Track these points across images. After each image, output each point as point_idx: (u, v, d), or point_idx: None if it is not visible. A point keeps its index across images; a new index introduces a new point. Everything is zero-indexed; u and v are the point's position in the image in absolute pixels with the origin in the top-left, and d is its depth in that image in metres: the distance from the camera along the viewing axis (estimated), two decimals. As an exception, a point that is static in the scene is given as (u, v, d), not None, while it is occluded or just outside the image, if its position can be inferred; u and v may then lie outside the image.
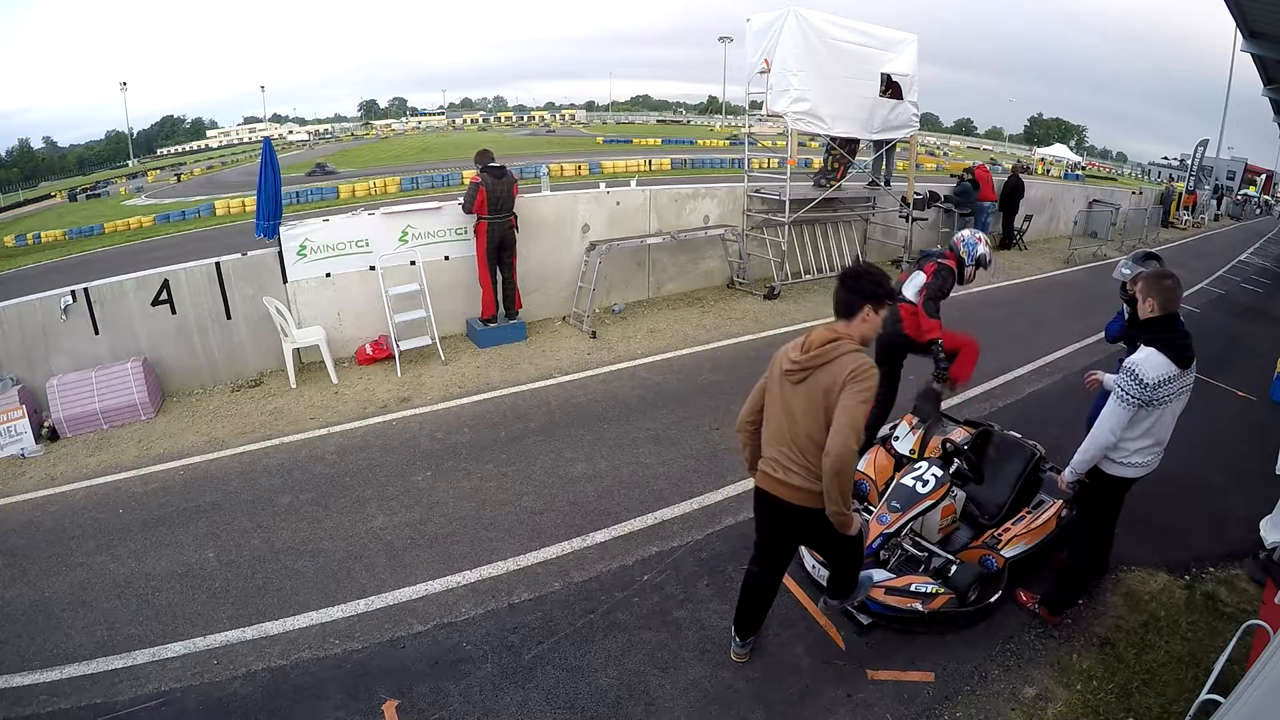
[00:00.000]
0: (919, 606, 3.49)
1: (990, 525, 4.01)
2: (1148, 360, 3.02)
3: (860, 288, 2.73)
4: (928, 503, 3.73)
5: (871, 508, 4.12)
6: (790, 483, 2.79)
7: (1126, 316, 4.21)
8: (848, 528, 2.78)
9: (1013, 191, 13.45)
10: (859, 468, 4.42)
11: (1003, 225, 13.73)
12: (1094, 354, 7.15)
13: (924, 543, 3.91)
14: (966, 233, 4.85)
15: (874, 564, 3.72)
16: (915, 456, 4.19)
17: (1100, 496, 3.37)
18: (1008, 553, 3.76)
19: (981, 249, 4.74)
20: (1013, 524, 3.95)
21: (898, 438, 4.51)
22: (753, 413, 2.99)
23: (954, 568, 3.67)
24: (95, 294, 6.06)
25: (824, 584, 3.73)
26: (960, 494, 4.03)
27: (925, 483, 3.75)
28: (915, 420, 4.51)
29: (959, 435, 4.22)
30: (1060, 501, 4.10)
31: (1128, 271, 4.22)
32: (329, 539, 4.27)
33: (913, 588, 3.54)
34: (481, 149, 7.37)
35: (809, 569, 3.85)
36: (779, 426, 2.83)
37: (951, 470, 3.86)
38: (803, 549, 3.92)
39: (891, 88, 9.81)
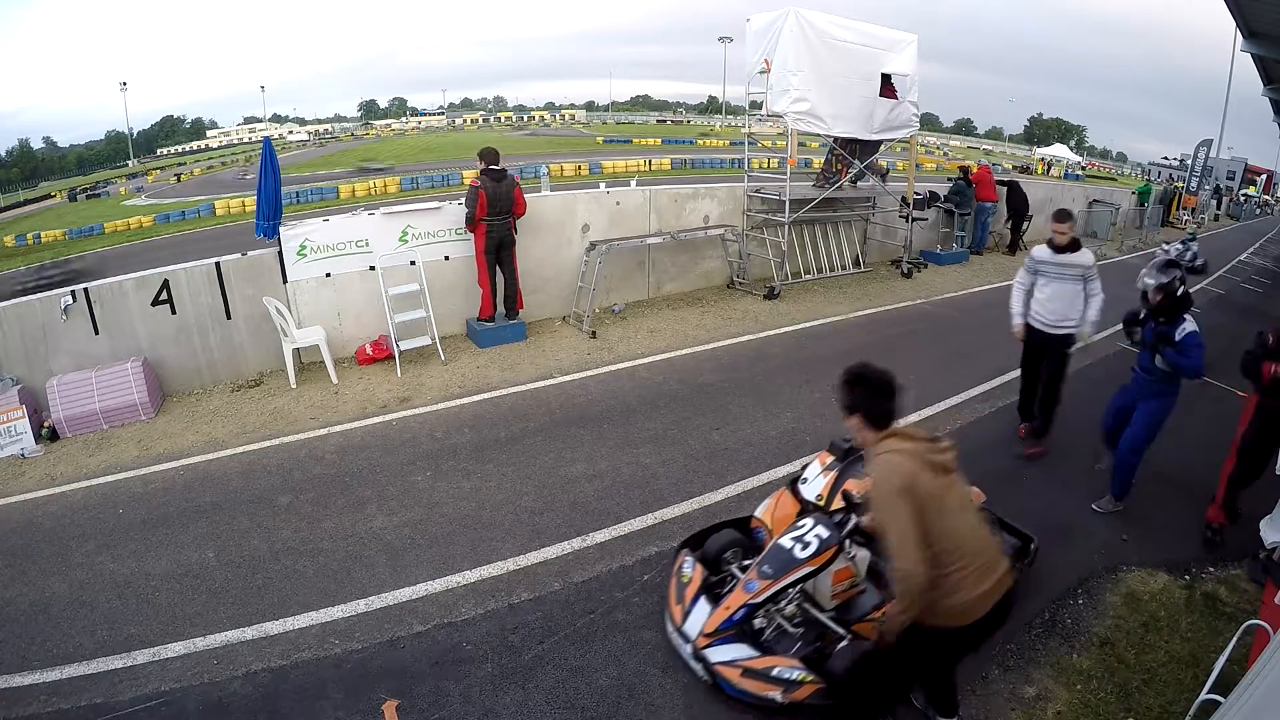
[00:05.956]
0: (776, 696, 2.96)
1: None
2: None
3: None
4: (806, 569, 3.08)
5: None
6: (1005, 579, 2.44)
7: (1142, 317, 4.31)
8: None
9: (1012, 197, 13.42)
10: (756, 514, 3.83)
11: (1009, 228, 13.71)
12: (1094, 353, 7.15)
13: (813, 611, 3.28)
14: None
15: (736, 637, 3.15)
16: (823, 504, 3.52)
17: None
18: None
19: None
20: None
21: (805, 480, 3.73)
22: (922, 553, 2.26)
23: (838, 646, 3.08)
24: (95, 294, 6.06)
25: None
26: (863, 553, 3.37)
27: (806, 545, 3.09)
28: (830, 459, 3.74)
29: (859, 486, 3.35)
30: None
31: (1151, 281, 4.15)
32: (329, 539, 4.27)
33: (774, 672, 3.00)
34: (487, 147, 7.27)
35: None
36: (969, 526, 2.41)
37: (850, 527, 3.12)
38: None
39: (886, 88, 9.78)
